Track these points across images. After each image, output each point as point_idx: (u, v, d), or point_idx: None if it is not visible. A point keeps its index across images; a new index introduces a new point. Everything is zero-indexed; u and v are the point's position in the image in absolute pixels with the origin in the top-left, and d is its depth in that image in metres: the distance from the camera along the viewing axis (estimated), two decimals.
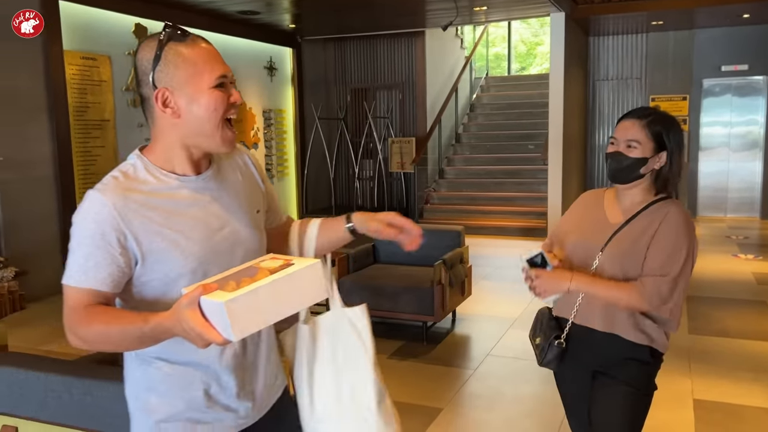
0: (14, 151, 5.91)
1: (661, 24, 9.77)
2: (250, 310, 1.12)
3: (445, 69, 11.32)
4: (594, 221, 2.03)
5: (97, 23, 6.92)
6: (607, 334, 1.96)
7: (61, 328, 1.16)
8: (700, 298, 5.84)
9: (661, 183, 1.95)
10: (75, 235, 1.29)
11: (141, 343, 1.25)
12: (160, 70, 1.31)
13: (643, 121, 1.91)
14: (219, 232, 1.38)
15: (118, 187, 1.31)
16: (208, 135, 1.34)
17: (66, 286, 1.29)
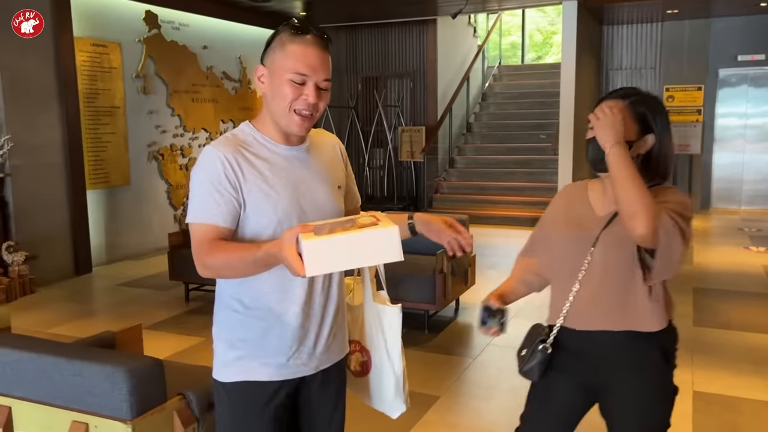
0: (25, 136, 5.99)
1: (677, 12, 9.62)
2: (325, 255, 1.31)
3: (457, 58, 11.26)
4: (581, 214, 1.84)
5: (107, 10, 6.96)
6: (616, 333, 1.74)
7: (69, 311, 1.23)
8: (708, 290, 5.80)
9: (652, 169, 1.77)
10: (195, 183, 1.56)
11: (255, 267, 1.47)
12: (267, 52, 1.59)
13: (626, 102, 1.73)
14: (304, 196, 1.61)
15: (228, 143, 1.58)
16: (279, 115, 1.57)
17: (192, 224, 1.54)
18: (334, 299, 1.69)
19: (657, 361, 1.78)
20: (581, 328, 1.79)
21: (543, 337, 1.81)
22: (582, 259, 1.77)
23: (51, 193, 6.28)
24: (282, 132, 1.61)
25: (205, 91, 8.36)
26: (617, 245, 1.73)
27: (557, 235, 1.87)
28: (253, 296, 1.60)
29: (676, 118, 10.34)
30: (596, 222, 1.79)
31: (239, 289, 1.62)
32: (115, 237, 7.10)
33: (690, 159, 10.30)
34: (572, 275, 1.79)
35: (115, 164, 7.10)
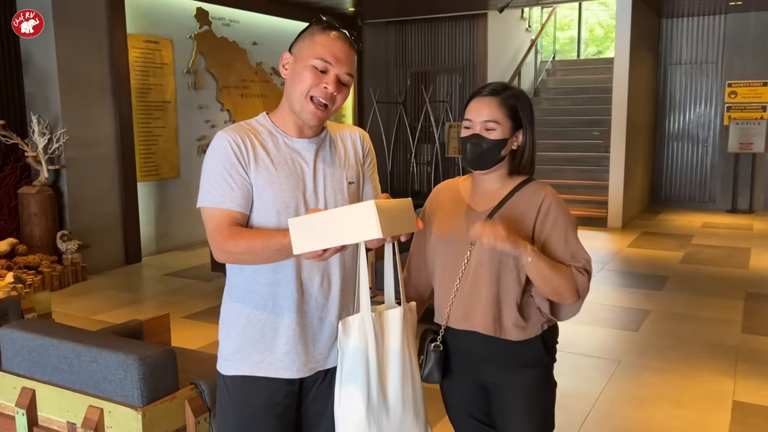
0: (80, 130, 6.24)
1: (741, 4, 9.19)
2: (308, 232, 1.35)
3: (509, 52, 11.08)
4: (458, 212, 1.83)
5: (159, 7, 7.17)
6: (491, 337, 1.76)
7: (116, 298, 1.26)
8: (762, 295, 5.53)
9: (518, 163, 1.79)
10: (208, 167, 1.57)
11: (279, 254, 1.47)
12: (297, 41, 1.64)
13: (498, 98, 1.75)
14: (307, 189, 1.61)
15: (239, 129, 1.61)
16: (295, 100, 1.58)
17: (206, 209, 1.56)
18: (335, 300, 1.66)
19: (534, 359, 1.80)
20: (461, 328, 1.80)
21: (432, 336, 1.82)
22: (461, 259, 1.78)
23: (103, 184, 6.53)
24: (296, 123, 1.62)
25: (255, 86, 8.51)
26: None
27: (436, 237, 1.85)
28: (250, 290, 1.62)
29: (739, 115, 9.89)
30: (475, 217, 1.79)
31: (238, 281, 1.65)
32: (164, 228, 7.32)
33: (753, 158, 9.84)
34: (453, 274, 1.79)
35: (166, 157, 7.31)
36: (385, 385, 1.54)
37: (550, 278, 1.71)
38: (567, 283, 1.72)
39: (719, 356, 4.16)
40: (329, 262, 1.64)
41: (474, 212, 1.81)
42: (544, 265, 1.69)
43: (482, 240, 1.64)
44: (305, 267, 1.61)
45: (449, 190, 1.91)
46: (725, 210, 9.98)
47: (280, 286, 1.61)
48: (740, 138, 9.81)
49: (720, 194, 10.21)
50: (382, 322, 1.56)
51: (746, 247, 7.40)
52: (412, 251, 1.97)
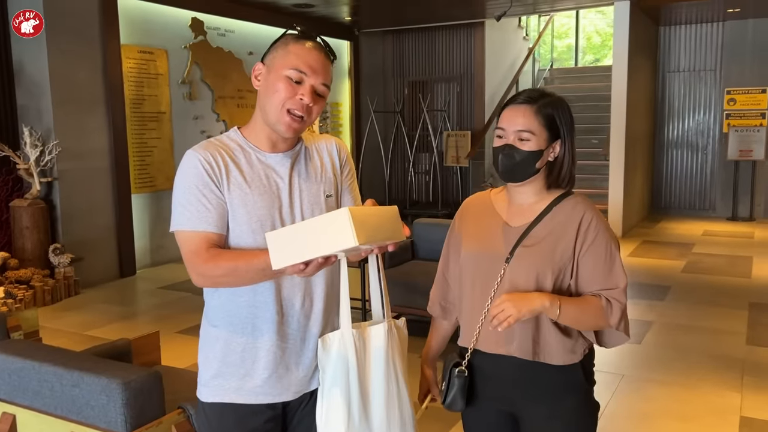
0: (73, 141, 6.15)
1: (739, 11, 9.15)
2: (285, 245, 1.31)
3: (506, 61, 11.03)
4: (491, 227, 1.72)
5: (154, 18, 7.10)
6: (528, 362, 1.65)
7: (110, 313, 1.18)
8: (764, 305, 5.44)
9: (555, 176, 1.68)
10: (179, 189, 1.50)
11: (264, 274, 1.41)
12: (270, 51, 1.57)
13: (534, 107, 1.63)
14: (282, 205, 1.54)
15: (210, 146, 1.54)
16: (270, 112, 1.51)
17: (181, 232, 1.48)
18: (317, 319, 1.59)
19: (574, 385, 1.68)
20: (492, 352, 1.68)
21: (456, 360, 1.70)
22: (494, 277, 1.66)
23: (97, 197, 6.44)
24: (269, 137, 1.56)
25: (251, 96, 8.43)
26: (525, 263, 1.64)
27: (467, 253, 1.74)
28: (229, 313, 1.56)
29: (738, 122, 9.84)
30: (510, 233, 1.69)
31: (215, 304, 1.58)
32: (159, 240, 7.23)
33: (753, 165, 9.77)
34: (484, 293, 1.67)
35: (161, 169, 7.23)
36: (367, 407, 1.49)
37: (581, 321, 1.63)
38: (599, 320, 1.64)
39: (725, 369, 4.07)
40: (312, 280, 1.58)
41: (508, 227, 1.70)
42: (573, 311, 1.60)
43: (496, 327, 1.54)
44: (286, 287, 1.55)
45: (480, 203, 1.80)
46: (725, 218, 9.91)
47: (259, 309, 1.54)
48: (740, 145, 9.75)
49: (720, 202, 10.14)
50: (364, 338, 1.50)
51: (748, 256, 7.31)
52: (443, 268, 1.86)
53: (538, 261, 1.63)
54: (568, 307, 1.59)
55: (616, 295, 1.64)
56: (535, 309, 1.56)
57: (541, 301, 1.56)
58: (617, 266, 1.65)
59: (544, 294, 1.58)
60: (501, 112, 1.68)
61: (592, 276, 1.64)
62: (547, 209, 1.68)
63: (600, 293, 1.64)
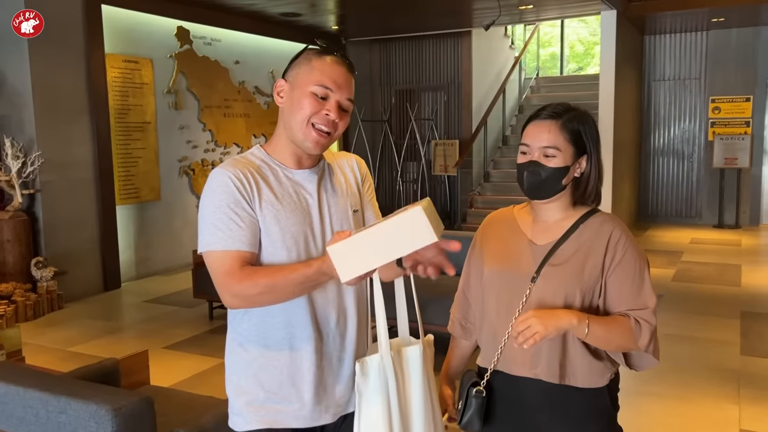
0: (56, 153, 6.03)
1: (723, 21, 9.23)
2: (353, 256, 1.27)
3: (493, 70, 11.04)
4: (516, 245, 1.67)
5: (139, 27, 7.01)
6: (554, 385, 1.58)
7: (94, 328, 1.09)
8: (757, 314, 5.44)
9: (582, 192, 1.63)
10: (209, 208, 1.46)
11: (303, 288, 1.41)
12: (291, 67, 1.54)
13: (560, 122, 1.57)
14: (314, 222, 1.53)
15: (237, 163, 1.51)
16: (296, 129, 1.50)
17: (212, 253, 1.44)
18: (352, 338, 1.57)
19: (600, 410, 1.63)
20: (515, 373, 1.62)
21: (474, 380, 1.64)
22: (519, 296, 1.60)
23: (81, 208, 6.31)
24: (295, 154, 1.55)
25: (237, 106, 8.35)
26: (553, 282, 1.58)
27: (491, 271, 1.68)
28: (263, 335, 1.52)
29: (723, 130, 9.92)
30: (536, 251, 1.63)
31: (247, 326, 1.54)
32: (144, 252, 7.10)
33: (738, 173, 9.85)
34: (508, 313, 1.61)
35: (146, 180, 7.11)
36: (408, 429, 1.47)
37: (609, 342, 1.56)
38: (628, 341, 1.57)
39: (721, 380, 4.04)
40: (344, 297, 1.56)
41: (534, 245, 1.64)
42: (601, 330, 1.53)
43: (521, 344, 1.47)
44: (320, 304, 1.53)
45: (503, 220, 1.75)
46: (712, 225, 9.96)
47: (296, 328, 1.51)
48: (725, 153, 9.82)
49: (706, 210, 10.20)
50: (401, 361, 1.48)
51: (737, 264, 7.34)
52: (463, 286, 1.79)
53: (567, 280, 1.57)
54: (597, 327, 1.52)
55: (645, 315, 1.58)
56: (563, 326, 1.49)
57: (569, 319, 1.49)
58: (646, 285, 1.60)
59: (572, 311, 1.52)
60: (524, 128, 1.63)
61: (620, 295, 1.59)
62: (573, 227, 1.62)
63: (629, 313, 1.58)
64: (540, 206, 1.65)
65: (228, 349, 1.59)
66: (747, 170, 9.84)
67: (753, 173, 9.89)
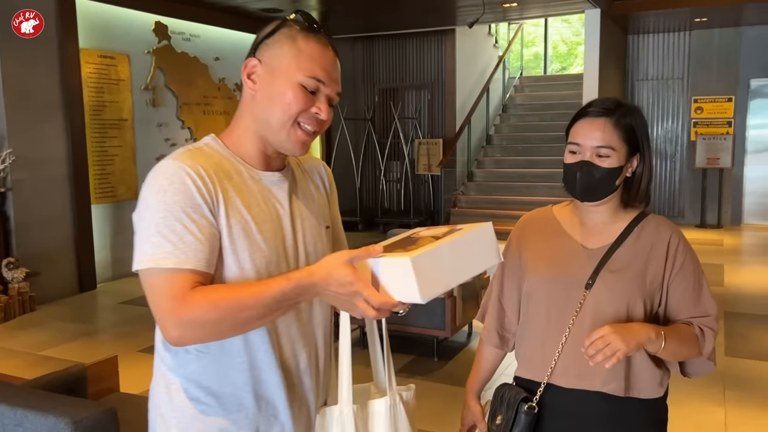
0: (28, 150, 5.85)
1: (706, 21, 9.25)
2: (433, 270, 1.06)
3: (477, 68, 10.99)
4: (564, 249, 1.56)
5: (115, 21, 6.84)
6: (613, 397, 1.47)
7: (67, 330, 0.97)
8: (739, 314, 5.42)
9: (634, 194, 1.54)
10: (156, 211, 1.11)
11: (276, 308, 1.09)
12: (266, 43, 1.21)
13: (613, 119, 1.47)
14: (287, 238, 1.24)
15: (195, 155, 1.19)
16: (274, 127, 1.20)
17: (155, 271, 1.09)
18: (324, 383, 1.33)
19: (658, 420, 1.55)
20: (569, 386, 1.51)
21: (525, 395, 1.53)
22: (572, 304, 1.50)
23: (54, 207, 6.13)
24: (263, 152, 1.24)
25: (217, 103, 8.20)
26: (613, 290, 1.48)
27: (537, 277, 1.57)
28: (221, 380, 1.19)
29: (705, 130, 9.94)
30: (588, 256, 1.53)
31: (196, 369, 1.19)
32: (121, 252, 6.93)
33: (720, 173, 9.88)
34: (561, 321, 1.51)
35: (122, 178, 6.94)
36: None
37: (678, 353, 1.48)
38: (693, 350, 1.49)
39: (705, 382, 3.99)
40: (314, 330, 1.29)
41: (586, 250, 1.53)
42: (674, 342, 1.44)
43: (600, 363, 1.35)
44: (284, 338, 1.23)
45: (545, 221, 1.63)
46: (694, 225, 9.99)
47: (263, 371, 1.20)
48: (707, 153, 9.85)
49: (689, 209, 10.23)
50: (366, 415, 1.27)
51: (719, 264, 7.33)
52: (498, 293, 1.67)
53: (628, 288, 1.47)
54: (671, 339, 1.43)
55: (708, 323, 1.51)
56: (642, 342, 1.38)
57: (647, 333, 1.39)
58: (705, 291, 1.53)
59: (648, 325, 1.42)
60: (572, 125, 1.52)
61: (681, 303, 1.51)
62: (627, 230, 1.53)
63: (692, 321, 1.51)
64: (588, 208, 1.54)
65: (158, 392, 1.23)
66: (729, 170, 9.88)
67: (735, 173, 9.93)
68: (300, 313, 1.25)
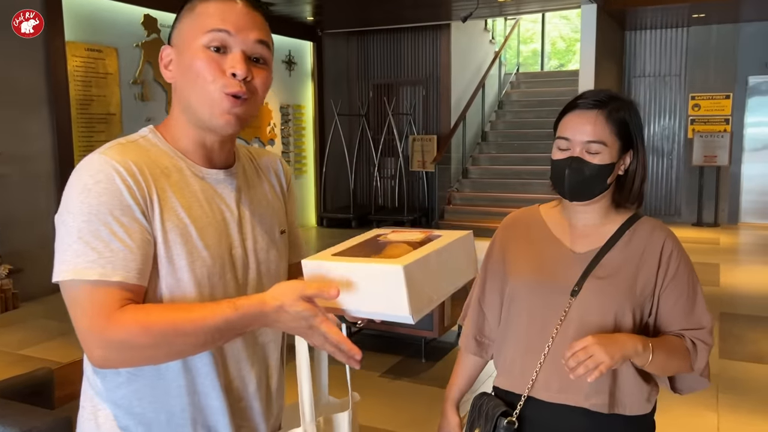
0: (12, 145, 5.75)
1: (703, 17, 9.15)
2: (423, 281, 0.91)
3: (473, 64, 10.88)
4: (549, 252, 1.46)
5: (103, 14, 6.72)
6: (595, 414, 1.38)
7: (50, 329, 0.88)
8: (735, 315, 5.33)
9: (626, 193, 1.43)
10: (77, 214, 0.97)
11: (219, 338, 0.96)
12: (174, 27, 1.09)
13: (605, 111, 1.36)
14: (235, 245, 1.10)
15: (127, 150, 1.04)
16: (197, 105, 1.05)
17: (77, 282, 0.95)
18: (278, 407, 1.21)
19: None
20: (551, 400, 1.41)
21: (504, 408, 1.42)
22: (556, 312, 1.40)
23: (39, 203, 6.02)
24: (201, 144, 1.10)
25: None
26: (600, 297, 1.38)
27: (520, 281, 1.47)
28: (156, 406, 1.06)
29: (703, 127, 9.85)
30: (575, 261, 1.42)
31: (126, 394, 1.06)
32: None
33: (717, 171, 9.78)
34: (543, 331, 1.41)
35: None
36: None
37: (666, 367, 1.38)
38: (683, 365, 1.39)
39: None
40: (266, 348, 1.16)
41: (572, 254, 1.43)
42: (662, 356, 1.33)
43: (581, 376, 1.24)
44: (231, 361, 1.10)
45: (530, 222, 1.53)
46: (691, 223, 9.90)
47: (207, 397, 1.07)
48: (704, 151, 9.75)
49: (686, 207, 10.14)
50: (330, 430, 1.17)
51: (715, 263, 7.24)
52: (478, 296, 1.57)
53: (616, 296, 1.37)
54: (659, 352, 1.32)
55: (701, 336, 1.40)
56: (628, 354, 1.28)
57: (634, 345, 1.28)
58: (700, 302, 1.42)
59: (635, 336, 1.31)
60: (561, 118, 1.42)
61: (672, 314, 1.41)
62: (618, 233, 1.42)
63: (683, 333, 1.40)
64: (577, 208, 1.44)
65: (83, 426, 1.08)
66: (726, 168, 9.78)
67: (732, 171, 9.83)
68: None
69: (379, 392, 3.75)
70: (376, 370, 4.10)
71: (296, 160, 9.79)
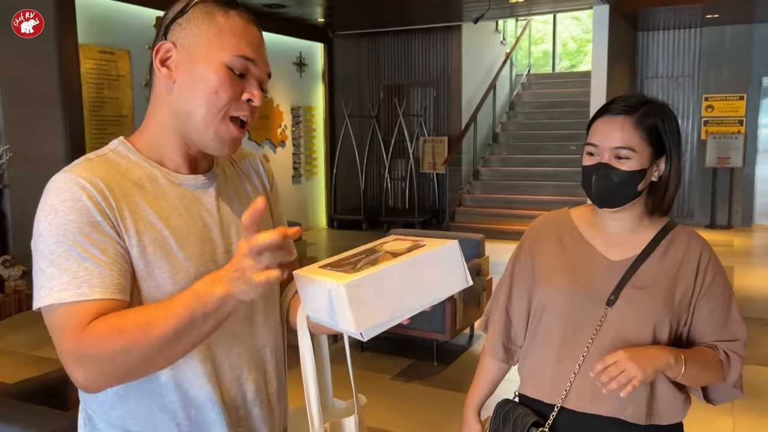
0: (25, 147, 5.79)
1: (717, 17, 9.07)
2: (377, 297, 0.90)
3: (484, 65, 10.86)
4: (584, 259, 1.42)
5: (115, 16, 6.76)
6: (630, 425, 1.36)
7: None
8: (749, 319, 5.27)
9: (659, 200, 1.40)
10: (48, 239, 0.94)
11: (198, 334, 0.90)
12: (179, 23, 1.03)
13: (634, 117, 1.34)
14: (218, 253, 1.06)
15: (93, 166, 1.00)
16: (198, 122, 1.01)
17: (53, 307, 0.92)
18: (282, 412, 1.18)
19: None
20: (582, 410, 1.39)
21: (535, 419, 1.40)
22: (591, 322, 1.37)
23: None
24: (185, 153, 1.07)
25: None
26: (638, 308, 1.35)
27: (554, 288, 1.44)
28: (151, 423, 1.03)
29: (716, 129, 9.77)
30: (611, 268, 1.39)
31: (120, 415, 1.03)
32: None
33: (731, 172, 9.70)
34: (577, 340, 1.38)
35: None
36: None
37: (699, 379, 1.37)
38: (716, 376, 1.38)
39: None
40: (262, 352, 1.12)
41: (608, 262, 1.40)
42: (695, 368, 1.33)
43: (614, 390, 1.23)
44: (226, 369, 1.07)
45: (561, 227, 1.49)
46: (704, 225, 9.82)
47: (199, 409, 1.04)
48: (717, 152, 9.67)
49: (698, 209, 10.06)
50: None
51: (729, 266, 7.18)
52: (505, 302, 1.54)
53: (655, 307, 1.35)
54: (692, 365, 1.31)
55: (736, 348, 1.39)
56: (660, 368, 1.27)
57: (666, 359, 1.28)
58: (735, 313, 1.41)
59: (667, 349, 1.30)
60: (591, 124, 1.40)
61: (706, 325, 1.39)
62: (654, 242, 1.40)
63: (717, 345, 1.39)
64: (608, 214, 1.42)
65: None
66: (740, 170, 9.70)
67: (746, 173, 9.75)
68: (240, 335, 1.09)
69: (390, 395, 3.75)
70: (388, 373, 4.09)
71: (307, 162, 9.81)
